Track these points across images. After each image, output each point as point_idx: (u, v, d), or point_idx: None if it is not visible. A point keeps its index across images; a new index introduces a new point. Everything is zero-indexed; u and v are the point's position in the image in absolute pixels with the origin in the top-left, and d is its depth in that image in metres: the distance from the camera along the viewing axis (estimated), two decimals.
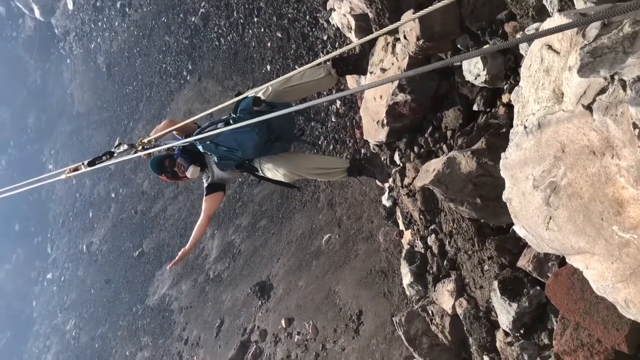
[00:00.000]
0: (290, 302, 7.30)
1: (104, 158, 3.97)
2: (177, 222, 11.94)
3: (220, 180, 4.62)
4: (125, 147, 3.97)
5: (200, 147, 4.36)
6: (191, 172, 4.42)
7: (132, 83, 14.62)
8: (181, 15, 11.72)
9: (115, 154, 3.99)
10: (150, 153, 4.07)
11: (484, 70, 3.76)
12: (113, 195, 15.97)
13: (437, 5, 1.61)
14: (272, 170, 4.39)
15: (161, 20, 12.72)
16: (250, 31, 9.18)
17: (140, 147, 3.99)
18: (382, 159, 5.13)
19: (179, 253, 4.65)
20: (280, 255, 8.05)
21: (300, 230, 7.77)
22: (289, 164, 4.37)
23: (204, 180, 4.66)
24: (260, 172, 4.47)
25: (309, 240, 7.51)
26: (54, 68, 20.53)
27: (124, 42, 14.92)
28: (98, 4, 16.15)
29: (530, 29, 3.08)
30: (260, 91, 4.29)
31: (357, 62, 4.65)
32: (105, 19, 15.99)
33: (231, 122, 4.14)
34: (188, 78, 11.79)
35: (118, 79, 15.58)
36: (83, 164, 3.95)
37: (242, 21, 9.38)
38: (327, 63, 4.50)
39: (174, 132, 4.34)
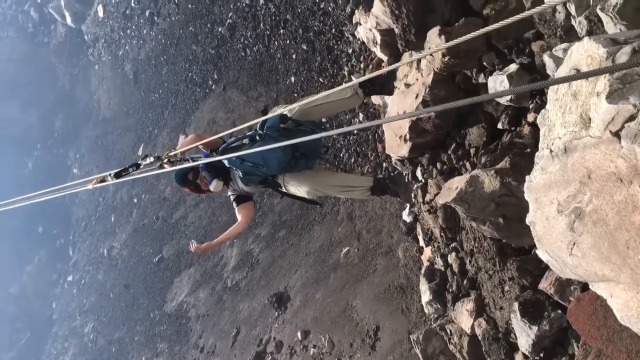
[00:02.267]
0: (307, 315, 7.27)
1: (130, 170, 3.96)
2: (197, 229, 12.02)
3: (246, 193, 4.66)
4: (152, 159, 3.97)
5: (225, 162, 4.37)
6: (214, 185, 4.44)
7: (158, 90, 14.83)
8: (208, 25, 11.88)
9: (141, 166, 4.00)
10: (175, 165, 4.08)
11: (509, 88, 3.73)
12: (135, 200, 16.17)
13: (466, 36, 1.59)
14: (295, 187, 4.38)
15: (189, 30, 12.91)
16: (276, 43, 9.26)
17: (166, 160, 4.01)
18: (405, 178, 5.12)
19: (204, 244, 4.69)
20: (299, 267, 8.04)
21: (319, 242, 7.76)
22: (312, 181, 4.37)
23: (230, 194, 4.70)
24: (283, 188, 4.46)
25: (327, 253, 7.49)
26: (82, 74, 20.96)
27: (152, 50, 15.17)
28: (128, 12, 16.46)
29: (558, 50, 3.05)
30: (286, 109, 4.31)
31: (384, 83, 4.58)
32: (134, 27, 16.29)
33: (257, 138, 4.18)
34: (213, 87, 11.93)
35: (144, 86, 15.82)
36: (110, 175, 3.96)
37: (268, 33, 9.47)
38: (355, 83, 4.49)
39: (200, 146, 4.35)
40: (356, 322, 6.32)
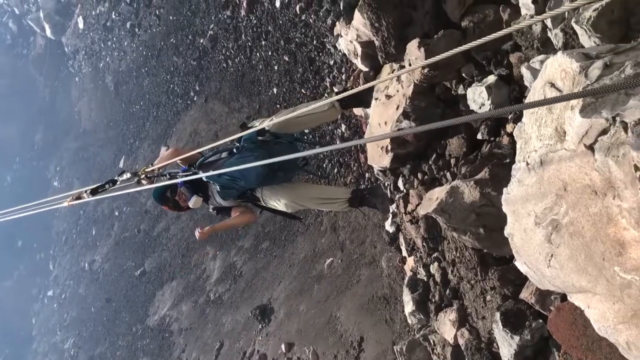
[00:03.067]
0: (291, 327, 7.23)
1: (107, 186, 3.90)
2: (179, 242, 11.92)
3: (225, 207, 4.59)
4: (129, 175, 3.92)
5: (203, 176, 4.27)
6: (193, 202, 4.36)
7: (139, 102, 14.75)
8: (190, 37, 11.86)
9: (118, 182, 3.94)
10: (153, 181, 4.05)
11: (488, 99, 3.78)
12: (117, 213, 15.99)
13: (446, 54, 1.60)
14: (274, 200, 4.34)
15: (170, 41, 12.87)
16: (257, 54, 9.27)
17: (143, 176, 3.96)
18: (385, 189, 5.14)
19: (207, 227, 4.54)
20: (282, 279, 8.00)
21: (303, 253, 7.74)
22: (291, 194, 4.33)
23: (211, 209, 4.64)
24: (262, 202, 4.41)
25: (311, 264, 7.46)
26: (62, 86, 20.76)
27: (133, 61, 15.09)
28: (108, 24, 16.38)
29: (535, 61, 3.10)
30: (264, 122, 4.28)
31: (361, 96, 4.67)
32: (114, 39, 16.20)
33: (234, 150, 4.15)
34: (195, 99, 11.89)
35: (125, 98, 15.72)
36: (86, 192, 3.88)
37: (249, 44, 9.48)
38: (332, 97, 4.63)
39: (178, 161, 4.31)
40: (340, 333, 6.30)
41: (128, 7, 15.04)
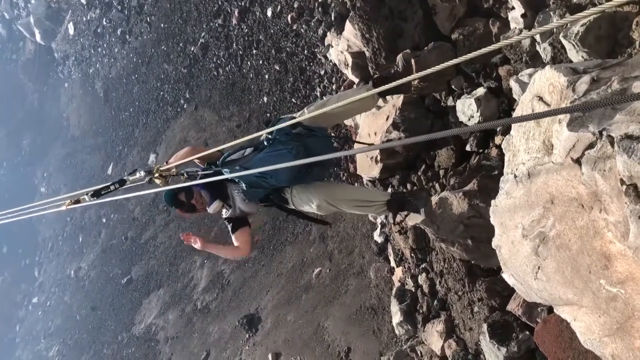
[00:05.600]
0: (278, 337, 7.19)
1: (112, 188, 3.44)
2: (167, 250, 11.83)
3: (242, 214, 4.05)
4: (142, 174, 3.46)
5: (226, 173, 3.71)
6: (214, 207, 3.88)
7: (129, 109, 14.68)
8: (181, 45, 11.86)
9: (128, 182, 3.51)
10: (167, 181, 3.59)
11: (477, 112, 3.81)
12: (104, 220, 15.85)
13: (437, 67, 1.61)
14: (304, 202, 3.80)
15: (161, 49, 12.85)
16: (248, 63, 9.28)
17: (157, 175, 3.49)
18: (427, 192, 4.40)
19: (199, 240, 4.05)
20: (270, 288, 7.96)
21: (291, 262, 7.71)
22: (325, 194, 3.76)
23: (224, 216, 4.12)
24: (290, 204, 3.86)
25: (299, 274, 7.44)
26: (51, 91, 20.63)
27: (123, 68, 15.04)
28: (99, 30, 16.33)
29: (524, 74, 3.13)
30: (297, 115, 3.79)
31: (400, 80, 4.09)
32: (105, 45, 16.15)
33: (265, 143, 3.67)
34: (185, 106, 11.86)
35: (115, 105, 15.65)
36: (87, 194, 3.43)
37: (241, 53, 9.49)
38: (368, 83, 3.86)
39: (195, 161, 3.86)
40: (328, 343, 6.27)
41: (119, 13, 15.01)
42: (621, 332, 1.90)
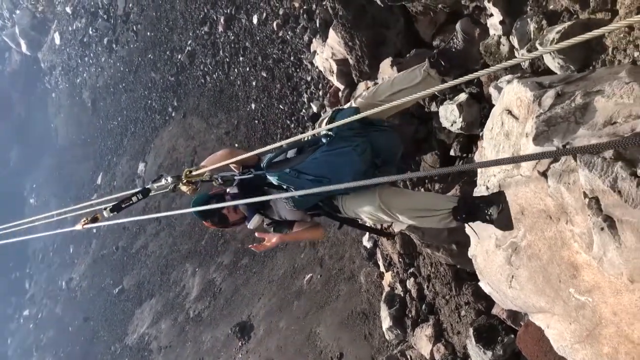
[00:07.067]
0: (271, 344, 7.19)
1: (134, 199, 3.06)
2: (158, 259, 11.80)
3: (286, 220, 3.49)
4: (169, 180, 3.04)
5: (273, 178, 3.19)
6: (255, 223, 3.35)
7: (117, 118, 14.64)
8: (168, 53, 11.86)
9: (153, 190, 3.09)
10: (196, 188, 3.13)
11: (459, 117, 3.85)
12: (94, 230, 15.77)
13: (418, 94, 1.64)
14: (353, 207, 3.12)
15: (148, 57, 12.84)
16: (235, 70, 9.30)
17: (185, 181, 3.04)
18: (504, 196, 3.54)
19: (270, 240, 3.47)
20: (262, 295, 7.97)
21: (282, 269, 7.73)
22: (380, 199, 3.00)
23: (265, 224, 3.53)
24: (342, 212, 3.20)
25: (290, 280, 7.45)
26: (38, 102, 20.52)
27: (110, 77, 15.01)
28: (85, 40, 16.29)
29: (503, 81, 3.17)
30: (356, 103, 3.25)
31: (463, 54, 3.23)
32: (92, 55, 16.11)
33: (323, 140, 3.08)
34: (173, 114, 11.85)
35: (103, 114, 15.60)
36: (105, 209, 3.00)
37: (227, 60, 9.51)
38: (424, 63, 3.24)
39: (231, 166, 3.30)
40: (320, 349, 6.29)
41: (105, 22, 14.99)
42: (590, 339, 1.94)
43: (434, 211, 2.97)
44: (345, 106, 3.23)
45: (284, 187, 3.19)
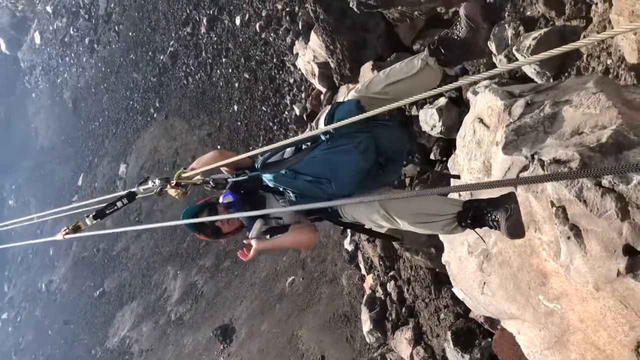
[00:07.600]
0: (253, 347, 7.17)
1: (119, 204, 2.87)
2: (139, 261, 11.70)
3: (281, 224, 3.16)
4: (157, 182, 2.82)
5: (269, 180, 2.96)
6: (256, 230, 3.01)
7: (98, 119, 14.49)
8: (150, 53, 11.76)
9: (139, 194, 2.89)
10: (186, 192, 2.93)
11: (439, 121, 3.88)
12: None
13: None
14: (353, 214, 2.87)
15: (130, 58, 12.73)
16: (218, 71, 9.26)
17: (174, 184, 2.82)
18: (516, 201, 3.20)
19: (253, 249, 2.98)
20: (244, 298, 7.94)
21: (265, 272, 7.70)
22: (382, 203, 2.72)
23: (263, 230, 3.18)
24: (345, 217, 2.94)
25: (272, 283, 7.44)
26: (18, 102, 20.23)
27: (92, 78, 14.85)
28: (66, 40, 16.09)
29: (480, 86, 3.20)
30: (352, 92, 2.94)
31: (466, 43, 2.77)
32: (73, 54, 15.92)
33: (322, 138, 2.81)
34: (155, 115, 11.76)
35: (84, 115, 15.43)
36: (88, 216, 2.87)
37: (210, 61, 9.47)
38: (423, 52, 2.86)
39: (222, 169, 3.06)
40: (302, 352, 6.28)
41: (87, 22, 14.82)
42: (559, 346, 1.97)
43: (437, 216, 2.70)
44: (344, 99, 2.94)
45: (281, 189, 2.97)
